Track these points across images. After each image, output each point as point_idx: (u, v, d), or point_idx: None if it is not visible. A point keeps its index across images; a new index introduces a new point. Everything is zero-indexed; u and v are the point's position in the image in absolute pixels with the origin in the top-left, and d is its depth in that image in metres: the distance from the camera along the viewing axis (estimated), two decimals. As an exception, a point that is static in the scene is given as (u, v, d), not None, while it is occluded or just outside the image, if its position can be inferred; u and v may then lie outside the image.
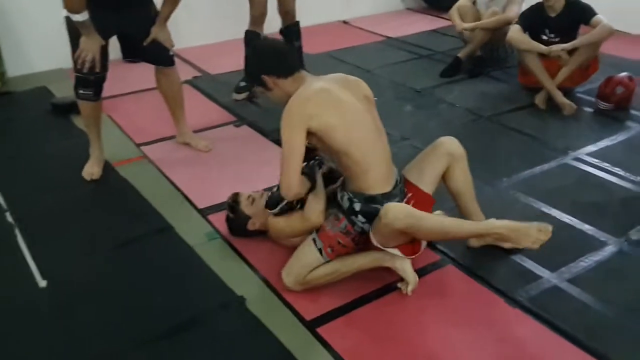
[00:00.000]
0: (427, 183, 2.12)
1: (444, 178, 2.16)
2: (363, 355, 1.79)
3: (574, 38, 3.40)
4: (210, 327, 1.90)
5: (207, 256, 2.23)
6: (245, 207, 2.27)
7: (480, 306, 1.99)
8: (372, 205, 1.95)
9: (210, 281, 2.10)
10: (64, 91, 3.78)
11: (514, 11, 3.92)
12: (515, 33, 3.48)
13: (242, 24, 3.65)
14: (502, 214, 2.46)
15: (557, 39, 3.44)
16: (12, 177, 2.84)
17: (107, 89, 3.81)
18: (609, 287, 2.04)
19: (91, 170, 2.79)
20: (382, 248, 1.95)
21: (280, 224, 2.13)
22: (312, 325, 1.89)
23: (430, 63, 4.37)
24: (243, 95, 3.78)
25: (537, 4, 3.51)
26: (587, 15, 3.36)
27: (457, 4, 4.21)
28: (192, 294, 2.05)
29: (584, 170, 2.82)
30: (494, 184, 2.70)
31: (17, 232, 2.39)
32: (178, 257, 2.25)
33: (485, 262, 2.19)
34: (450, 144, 2.14)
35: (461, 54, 4.10)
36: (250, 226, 2.27)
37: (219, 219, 2.45)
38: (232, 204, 2.29)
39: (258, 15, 3.57)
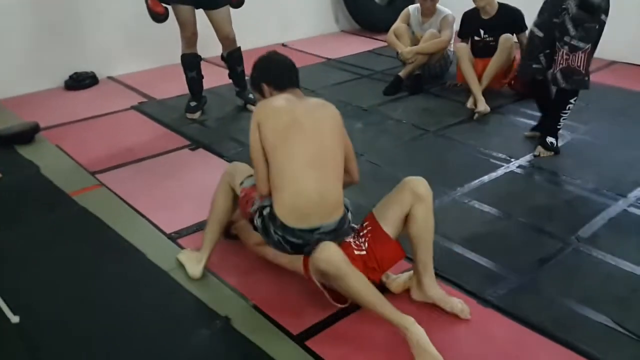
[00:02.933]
0: (388, 221, 2.04)
1: (406, 219, 2.04)
2: (354, 364, 1.85)
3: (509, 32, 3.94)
4: (200, 348, 1.90)
5: (183, 280, 2.22)
6: None
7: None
8: (277, 226, 1.98)
9: (192, 304, 2.10)
10: (3, 122, 3.64)
11: (448, 35, 4.22)
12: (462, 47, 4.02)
13: (178, 48, 3.68)
14: (461, 221, 2.64)
15: (491, 38, 4.00)
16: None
17: (53, 117, 3.77)
18: (568, 282, 2.21)
19: None
20: (313, 280, 1.98)
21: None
22: (300, 339, 1.93)
23: (371, 82, 4.55)
24: (197, 114, 3.79)
25: (473, 8, 4.05)
26: (517, 26, 3.94)
27: (393, 27, 4.41)
28: (175, 319, 2.04)
29: (528, 177, 3.05)
30: (449, 193, 2.85)
31: (-22, 268, 2.28)
32: (155, 283, 2.22)
33: (454, 267, 2.30)
34: (415, 184, 2.03)
35: (402, 73, 4.30)
36: (232, 230, 2.41)
37: (189, 242, 2.45)
38: None
39: (189, 36, 3.61)
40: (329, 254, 1.85)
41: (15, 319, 2.01)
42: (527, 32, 3.57)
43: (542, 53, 3.10)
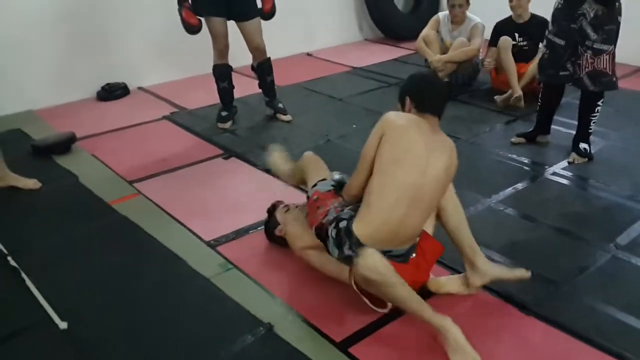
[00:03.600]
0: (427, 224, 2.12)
1: (438, 216, 2.15)
2: (398, 370, 1.86)
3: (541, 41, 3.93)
4: (243, 356, 1.92)
5: (225, 287, 2.25)
6: (279, 213, 2.45)
7: (494, 316, 2.10)
8: (352, 242, 1.95)
9: (234, 311, 2.13)
10: (40, 132, 3.73)
11: (478, 43, 4.24)
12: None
13: (208, 58, 3.74)
14: (497, 229, 2.64)
15: (524, 43, 4.16)
16: (6, 222, 2.76)
17: (88, 128, 3.85)
18: (610, 289, 2.20)
19: None
20: (354, 288, 1.99)
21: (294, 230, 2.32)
22: (343, 346, 1.95)
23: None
24: (229, 124, 3.85)
25: (506, 18, 4.19)
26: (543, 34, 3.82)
27: (422, 34, 4.44)
28: (218, 325, 2.07)
29: (562, 184, 3.04)
30: (484, 201, 2.85)
31: (24, 275, 2.34)
32: (197, 290, 2.26)
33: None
34: None
35: (429, 81, 4.31)
36: (277, 232, 2.42)
37: (229, 250, 2.48)
38: (270, 209, 2.53)
39: (222, 48, 3.67)
40: (373, 261, 1.87)
41: (63, 325, 2.06)
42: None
43: (569, 60, 3.10)
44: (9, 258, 2.46)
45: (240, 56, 4.05)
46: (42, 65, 4.23)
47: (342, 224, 2.00)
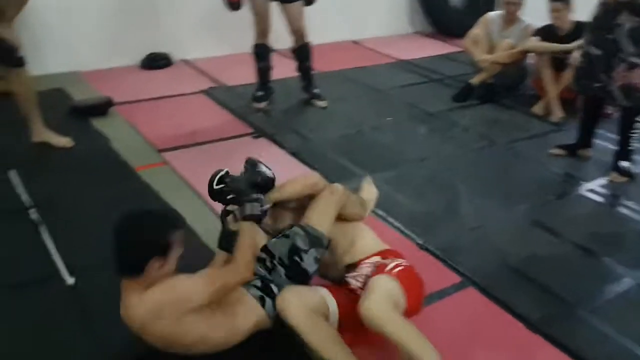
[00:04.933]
0: None
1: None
2: None
3: None
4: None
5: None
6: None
7: (500, 330, 2.03)
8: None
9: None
10: (81, 94, 3.81)
11: (528, 46, 4.05)
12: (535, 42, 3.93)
13: (251, 36, 3.72)
14: (521, 240, 2.55)
15: (564, 56, 3.82)
16: (35, 176, 2.84)
17: (127, 94, 3.92)
18: (628, 318, 2.09)
19: None
20: None
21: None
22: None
23: (441, 87, 4.47)
24: (264, 104, 3.84)
25: (549, 24, 3.88)
26: None
27: (471, 33, 4.31)
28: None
29: (597, 202, 2.90)
30: (511, 209, 2.76)
31: (42, 229, 2.40)
32: (205, 264, 2.26)
33: (506, 286, 2.23)
34: None
35: (474, 81, 4.19)
36: None
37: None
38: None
39: (263, 28, 3.66)
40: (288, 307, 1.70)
41: (70, 280, 2.10)
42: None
43: (603, 72, 2.94)
44: (31, 211, 2.52)
45: (285, 38, 4.03)
46: (91, 29, 4.32)
47: None
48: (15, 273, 2.15)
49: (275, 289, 1.79)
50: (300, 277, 1.83)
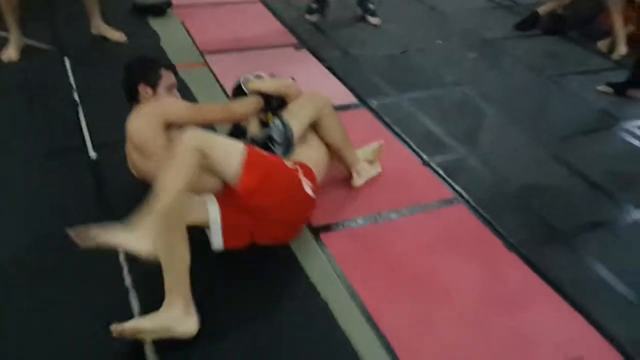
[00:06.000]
0: None
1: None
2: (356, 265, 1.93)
3: None
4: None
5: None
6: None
7: (477, 244, 2.06)
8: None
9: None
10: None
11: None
12: None
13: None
14: (528, 170, 2.51)
15: None
16: (85, 64, 3.10)
17: (187, -1, 4.06)
18: (611, 251, 2.06)
19: (9, 54, 3.07)
20: None
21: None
22: (316, 231, 2.05)
23: (507, 13, 4.26)
24: (315, 17, 3.87)
25: None
26: None
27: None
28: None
29: (629, 143, 2.76)
30: (533, 141, 2.69)
31: (80, 108, 2.67)
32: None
33: (498, 209, 2.23)
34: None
35: (541, 10, 3.96)
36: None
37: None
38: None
39: None
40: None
41: (93, 154, 2.35)
42: None
43: None
44: (75, 92, 2.80)
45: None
46: None
47: None
48: (49, 142, 2.44)
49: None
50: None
